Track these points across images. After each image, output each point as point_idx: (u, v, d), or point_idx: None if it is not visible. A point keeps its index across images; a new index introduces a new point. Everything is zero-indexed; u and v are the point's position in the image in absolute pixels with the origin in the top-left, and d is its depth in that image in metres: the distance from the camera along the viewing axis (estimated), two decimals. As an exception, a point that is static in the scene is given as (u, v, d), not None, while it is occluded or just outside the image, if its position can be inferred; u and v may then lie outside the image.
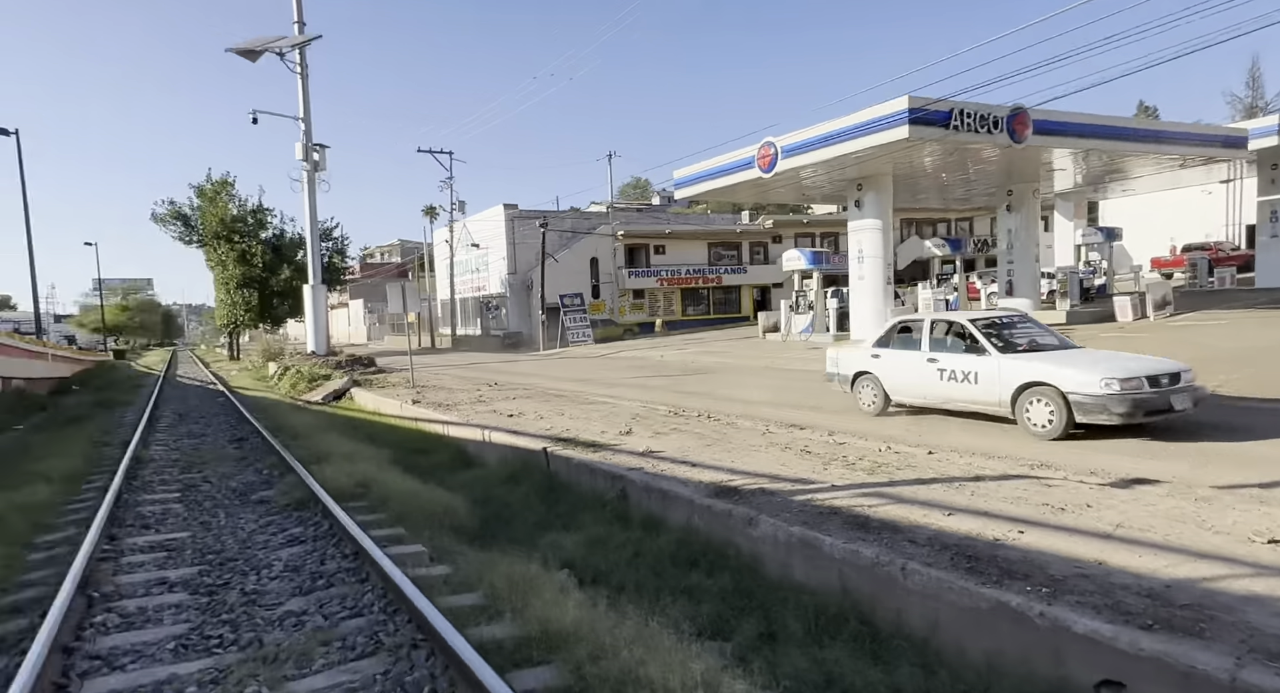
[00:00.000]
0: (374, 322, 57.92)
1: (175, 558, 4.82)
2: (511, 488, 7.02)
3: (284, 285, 33.92)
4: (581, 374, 17.72)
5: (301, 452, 8.50)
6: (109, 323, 70.60)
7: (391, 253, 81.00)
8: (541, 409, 10.64)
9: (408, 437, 10.87)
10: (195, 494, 6.87)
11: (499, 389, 14.24)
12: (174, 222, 33.60)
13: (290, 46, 22.39)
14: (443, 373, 19.91)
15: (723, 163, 21.19)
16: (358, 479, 6.69)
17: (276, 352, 28.42)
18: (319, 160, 23.64)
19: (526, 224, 38.71)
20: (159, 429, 11.89)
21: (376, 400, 14.47)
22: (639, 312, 40.42)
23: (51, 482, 7.17)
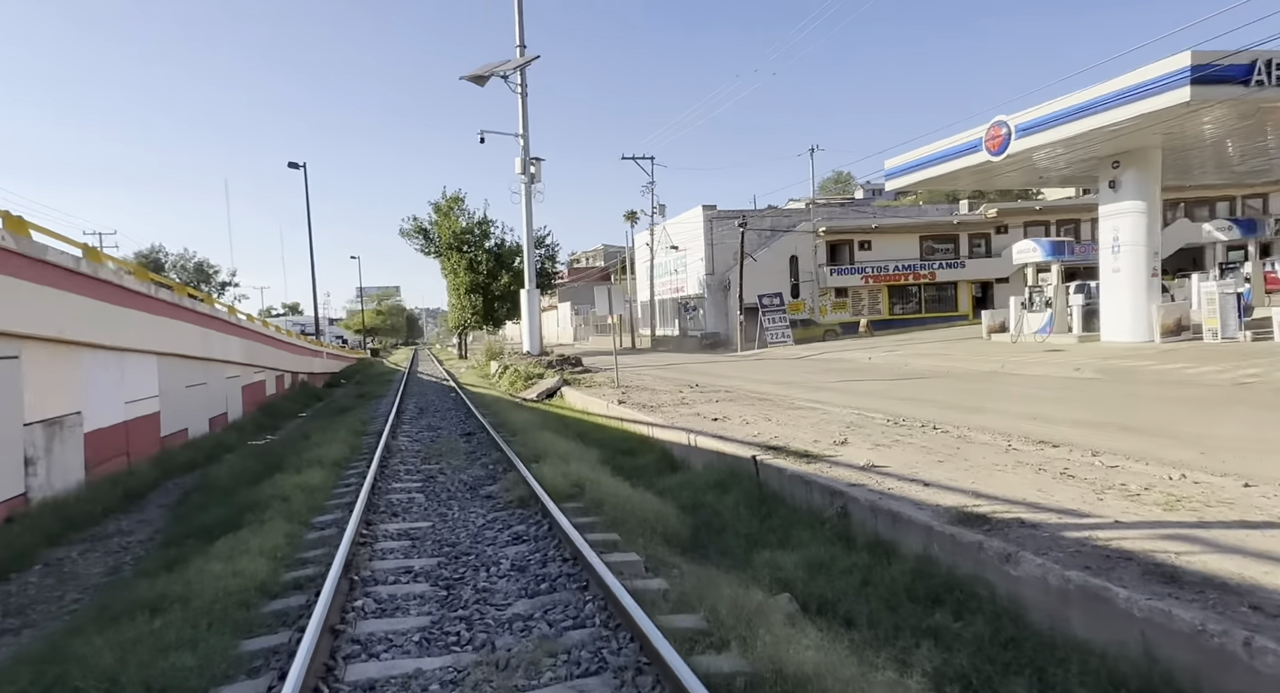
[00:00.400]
0: (580, 323, 61.49)
1: (418, 548, 5.20)
2: (720, 496, 6.78)
3: (503, 290, 37.15)
4: (783, 376, 17.12)
5: (521, 449, 8.99)
6: (367, 325, 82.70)
7: (595, 257, 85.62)
8: (746, 413, 10.32)
9: (614, 437, 11.12)
10: (433, 486, 7.50)
11: (700, 391, 14.16)
12: (417, 235, 38.26)
13: (513, 68, 24.30)
14: (643, 373, 20.39)
15: (942, 148, 19.35)
16: (573, 480, 6.85)
17: (497, 351, 31.13)
18: (535, 173, 25.47)
19: (724, 224, 38.61)
20: (404, 422, 13.38)
21: (584, 399, 15.10)
22: (841, 311, 38.55)
23: (324, 467, 8.26)
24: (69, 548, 6.63)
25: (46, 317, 7.56)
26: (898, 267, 37.92)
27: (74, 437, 8.30)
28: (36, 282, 7.41)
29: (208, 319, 13.62)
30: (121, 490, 8.47)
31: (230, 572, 4.31)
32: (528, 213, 25.82)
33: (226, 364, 14.92)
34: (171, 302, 11.53)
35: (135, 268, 10.72)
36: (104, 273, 9.01)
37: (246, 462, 9.96)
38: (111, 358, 9.37)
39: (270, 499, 6.64)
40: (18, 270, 7.08)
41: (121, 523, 7.61)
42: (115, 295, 9.37)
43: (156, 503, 8.56)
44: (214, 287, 65.60)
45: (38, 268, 7.44)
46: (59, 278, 7.88)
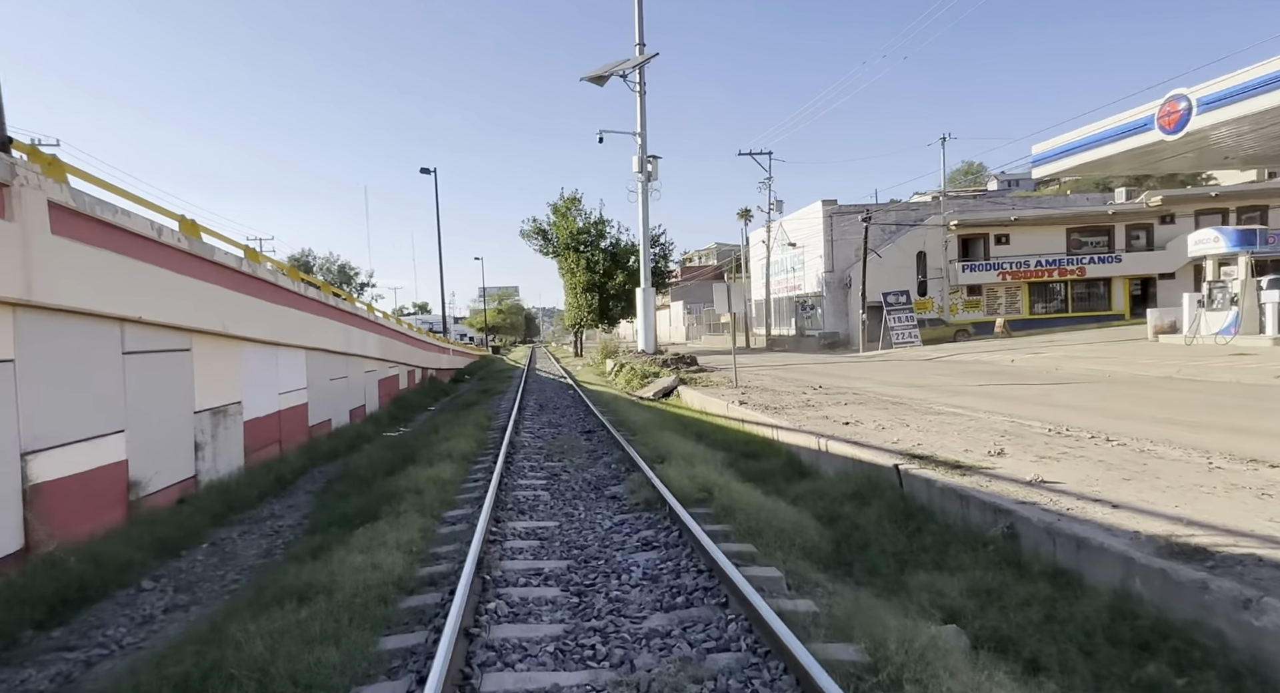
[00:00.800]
0: (692, 322, 61.22)
1: (546, 549, 5.09)
2: (859, 508, 6.24)
3: (618, 289, 37.52)
4: (914, 379, 16.01)
5: (643, 449, 8.80)
6: (488, 323, 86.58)
7: (708, 256, 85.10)
8: (880, 418, 9.61)
9: (735, 438, 10.73)
10: (558, 483, 7.44)
11: (825, 393, 13.46)
12: (536, 236, 39.40)
13: (632, 67, 24.37)
14: (761, 373, 19.78)
15: (1101, 130, 17.42)
16: (699, 483, 6.55)
17: (612, 349, 31.43)
18: (652, 171, 25.43)
19: (845, 220, 37.04)
20: (525, 418, 13.61)
21: (702, 399, 14.77)
22: (974, 310, 35.97)
23: (453, 461, 8.44)
24: (230, 529, 7.11)
25: (213, 312, 8.18)
26: (1040, 262, 34.83)
27: (235, 425, 8.96)
28: (205, 280, 8.03)
29: (349, 316, 14.49)
30: (274, 476, 9.06)
31: (369, 564, 4.35)
32: (644, 211, 25.81)
33: (365, 359, 15.83)
34: (318, 299, 12.31)
35: (288, 268, 11.52)
36: (262, 272, 9.70)
37: (382, 452, 10.41)
38: (267, 352, 10.07)
39: (404, 491, 6.80)
40: (191, 269, 7.69)
41: (274, 507, 8.11)
42: (271, 293, 10.07)
43: (304, 489, 9.09)
44: (354, 287, 70.83)
45: (206, 267, 8.06)
46: (223, 277, 8.52)
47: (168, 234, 7.16)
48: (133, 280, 6.51)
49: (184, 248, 7.49)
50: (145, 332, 6.84)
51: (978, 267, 35.29)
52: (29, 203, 5.14)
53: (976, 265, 35.35)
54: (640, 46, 25.18)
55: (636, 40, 25.24)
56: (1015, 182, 67.30)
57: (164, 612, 4.89)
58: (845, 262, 37.13)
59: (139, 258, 6.63)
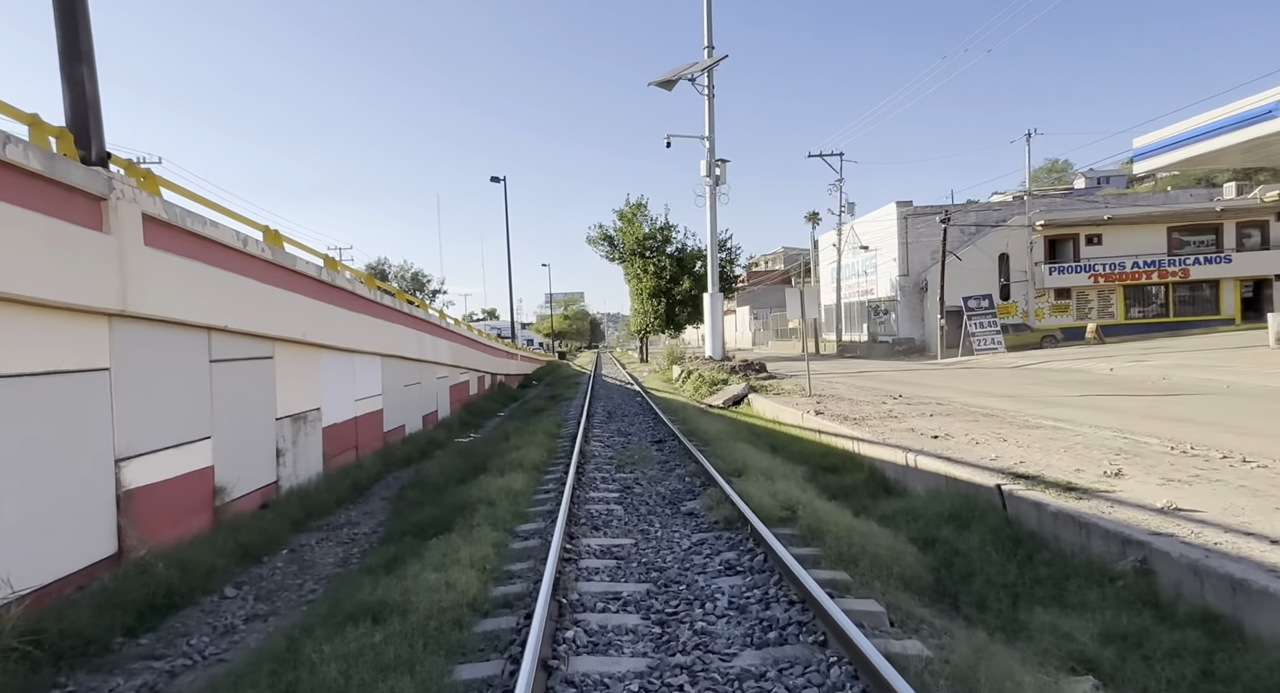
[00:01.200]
0: (759, 327, 60.30)
1: (623, 570, 4.84)
2: (959, 532, 5.74)
3: (684, 295, 37.23)
4: (1002, 389, 15.07)
5: (718, 462, 8.48)
6: (555, 328, 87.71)
7: (774, 260, 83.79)
8: (971, 431, 8.98)
9: (812, 450, 10.26)
10: (631, 497, 7.21)
11: (906, 403, 12.78)
12: (602, 242, 39.56)
13: (700, 70, 24.11)
14: (834, 381, 19.10)
15: (1213, 120, 15.98)
16: (781, 500, 6.18)
17: (679, 355, 31.15)
18: (720, 175, 25.06)
19: (921, 222, 35.69)
20: (594, 426, 13.48)
21: (774, 408, 14.30)
22: (1062, 314, 33.99)
23: (524, 470, 8.33)
24: (309, 535, 7.18)
25: (294, 320, 8.35)
26: (1137, 263, 32.59)
27: (315, 431, 9.13)
28: (287, 288, 8.19)
29: (422, 323, 14.73)
30: (351, 482, 9.18)
31: (443, 583, 4.20)
32: (712, 215, 25.46)
33: (437, 365, 16.07)
34: (393, 307, 12.53)
35: (365, 276, 11.76)
36: (340, 281, 9.89)
37: (454, 460, 10.44)
38: (344, 359, 10.26)
39: (476, 502, 6.70)
40: (274, 279, 7.86)
41: (351, 514, 8.19)
42: (349, 301, 10.26)
43: (379, 496, 9.18)
44: (426, 294, 73.01)
45: (288, 276, 8.23)
46: (304, 285, 8.69)
47: (252, 244, 7.32)
48: (220, 290, 6.66)
49: (267, 258, 7.66)
50: (231, 340, 6.99)
51: (1067, 269, 33.31)
52: (124, 216, 5.28)
53: (1065, 267, 33.37)
54: (709, 49, 24.89)
55: (705, 43, 24.96)
56: (1105, 179, 63.55)
57: (245, 622, 4.90)
58: (920, 265, 35.74)
59: (226, 268, 6.78)
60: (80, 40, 4.96)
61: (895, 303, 36.78)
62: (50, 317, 4.66)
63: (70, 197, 4.80)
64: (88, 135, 5.05)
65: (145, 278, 5.50)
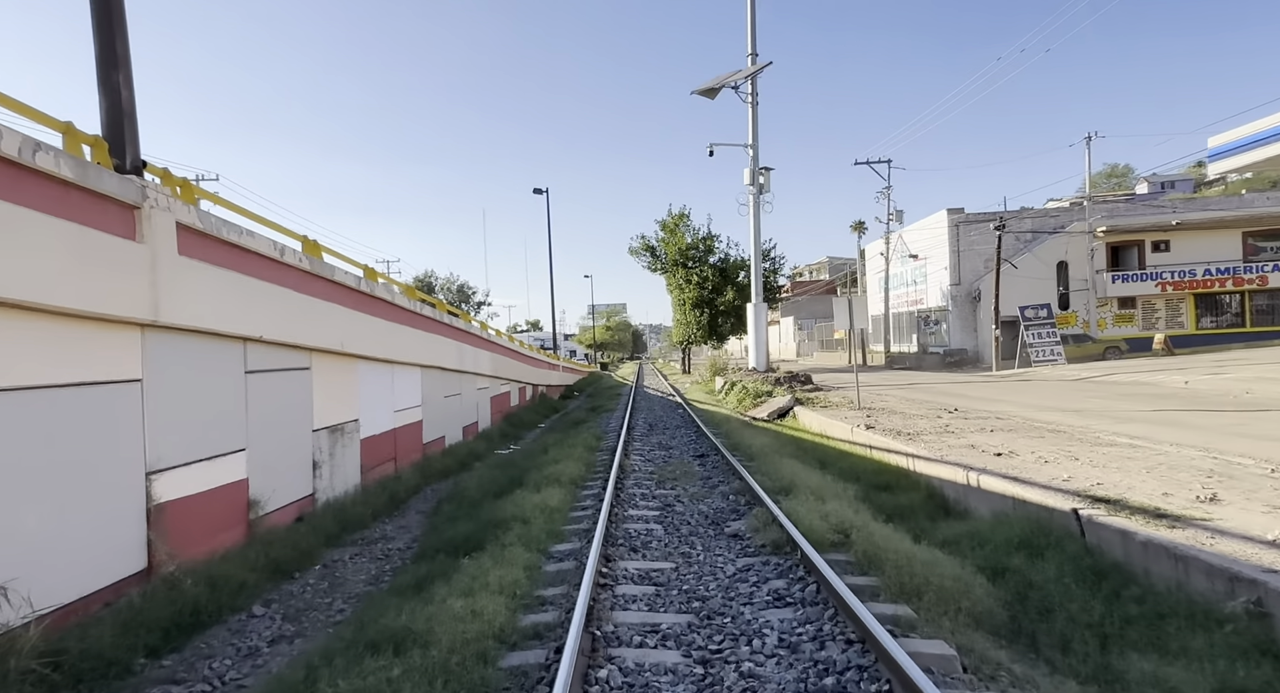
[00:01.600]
0: (803, 338, 59.28)
1: (663, 598, 4.50)
2: (1032, 561, 5.23)
3: (727, 305, 36.73)
4: (1066, 403, 14.22)
5: (763, 479, 8.07)
6: (597, 339, 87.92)
7: (819, 270, 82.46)
8: (1038, 448, 8.36)
9: (863, 467, 9.74)
10: (671, 515, 6.86)
11: (964, 417, 12.12)
12: (644, 253, 39.39)
13: (744, 78, 23.80)
14: (884, 393, 18.40)
15: (1296, 112, 14.94)
16: (833, 523, 5.75)
17: (721, 366, 30.65)
18: (764, 183, 24.62)
19: (973, 229, 34.54)
20: (635, 438, 13.17)
21: (822, 421, 13.76)
22: (1126, 324, 32.37)
23: (562, 485, 8.06)
24: (342, 550, 7.03)
25: (332, 331, 8.28)
26: (1209, 270, 30.84)
27: (352, 443, 9.04)
28: (325, 299, 8.13)
29: (462, 334, 14.68)
30: (388, 495, 9.05)
31: (469, 612, 3.93)
32: (756, 224, 25.01)
33: (477, 376, 16.01)
34: (433, 317, 12.47)
35: (405, 286, 11.74)
36: (379, 291, 9.83)
37: (492, 472, 10.25)
38: (383, 370, 10.19)
39: (511, 520, 6.45)
40: (311, 289, 7.80)
41: (386, 528, 8.03)
42: (388, 312, 10.20)
43: (416, 509, 9.02)
44: (471, 305, 74.01)
45: (326, 286, 8.17)
46: (342, 295, 8.64)
47: (290, 254, 7.26)
48: (256, 300, 6.59)
49: (305, 267, 7.60)
50: (267, 351, 6.92)
51: (1131, 277, 31.72)
52: (158, 225, 5.21)
53: (1129, 275, 31.79)
54: (752, 57, 24.57)
55: (749, 51, 24.65)
56: (1170, 183, 60.77)
57: (269, 644, 4.71)
58: (973, 274, 34.55)
59: (262, 278, 6.72)
60: (117, 46, 4.93)
61: (946, 313, 35.59)
62: (79, 327, 4.58)
63: (102, 205, 4.73)
64: (122, 143, 5.01)
65: (178, 288, 5.43)
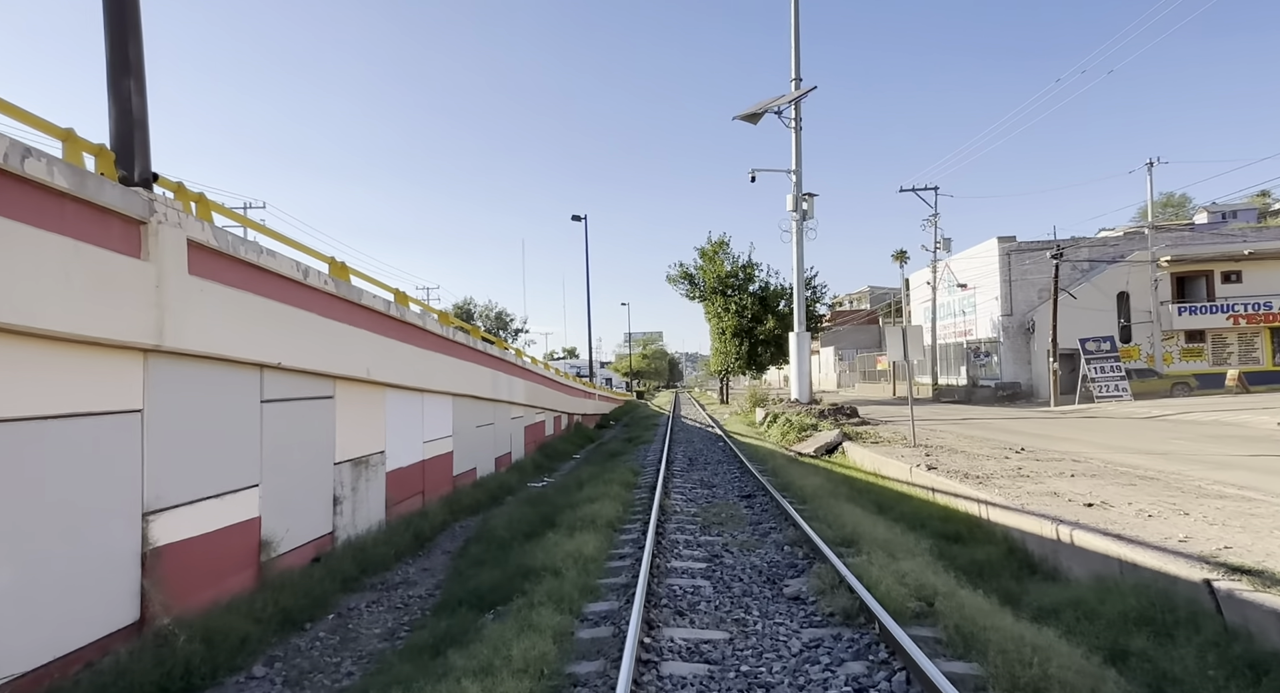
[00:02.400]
0: (844, 369, 57.81)
1: (717, 682, 3.77)
2: (1160, 644, 4.36)
3: (767, 334, 35.89)
4: (1145, 444, 13.05)
5: (821, 527, 7.27)
6: (633, 368, 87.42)
7: (860, 300, 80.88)
8: (1136, 499, 7.41)
9: (926, 512, 8.86)
10: (720, 569, 6.11)
11: (1034, 458, 11.11)
12: (682, 280, 38.92)
13: (788, 102, 23.36)
14: (938, 428, 17.32)
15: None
16: (913, 586, 4.96)
17: (762, 397, 29.71)
18: (807, 209, 23.98)
19: (1026, 258, 33.25)
20: (675, 474, 12.43)
21: (874, 459, 12.85)
22: (1194, 359, 30.57)
23: (597, 529, 7.39)
24: (360, 596, 6.45)
25: (358, 358, 7.82)
26: (1287, 302, 28.97)
27: (377, 476, 8.53)
28: (351, 324, 7.69)
29: (497, 361, 14.21)
30: (413, 533, 8.48)
31: (487, 698, 3.27)
32: (799, 251, 24.32)
33: (511, 405, 15.50)
34: (466, 344, 12.03)
35: (439, 312, 11.32)
36: (410, 316, 9.40)
37: (523, 509, 9.64)
38: (412, 398, 9.71)
39: (541, 570, 5.81)
40: (336, 313, 7.37)
41: (409, 570, 7.45)
42: (418, 338, 9.76)
43: (442, 548, 8.43)
44: (509, 333, 74.31)
45: (352, 311, 7.74)
46: (370, 320, 8.20)
47: (314, 276, 6.85)
48: (274, 324, 6.15)
49: (330, 290, 7.17)
50: (286, 378, 6.46)
51: (1199, 309, 29.98)
52: (166, 241, 4.80)
53: (1197, 308, 30.06)
54: (796, 81, 24.15)
55: (792, 75, 24.26)
56: (1232, 213, 58.20)
57: (261, 717, 4.11)
58: (1025, 304, 33.15)
59: (282, 300, 6.29)
60: (129, 51, 4.58)
61: (997, 345, 34.12)
62: (70, 352, 4.14)
63: (103, 218, 4.33)
64: (131, 154, 4.63)
65: (187, 310, 4.99)
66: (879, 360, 52.34)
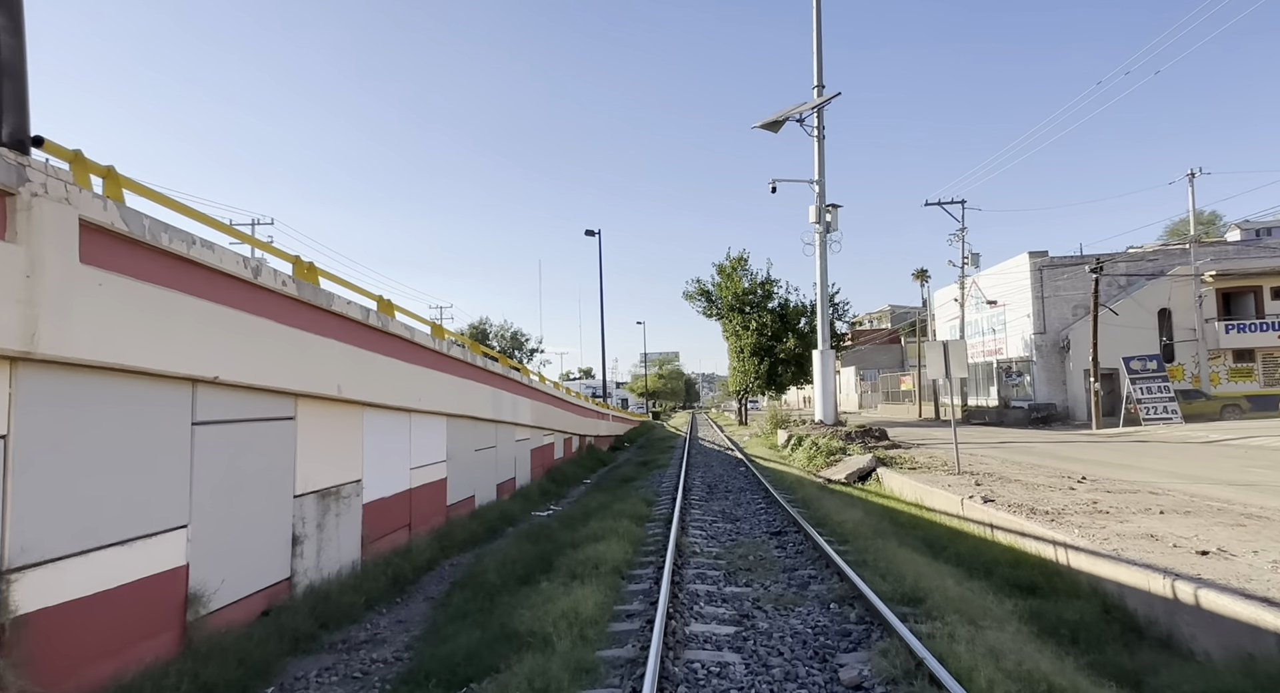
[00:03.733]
0: (866, 389, 56.21)
1: None
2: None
3: (788, 353, 34.57)
4: (1220, 472, 11.61)
5: (874, 577, 6.02)
6: (649, 388, 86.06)
7: (881, 319, 79.21)
8: (1261, 546, 6.08)
9: (987, 554, 7.57)
10: (753, 636, 4.87)
11: (1104, 489, 9.75)
12: (699, 297, 37.79)
13: (810, 109, 22.33)
14: (978, 453, 15.91)
15: None
16: (1019, 675, 3.71)
17: (783, 418, 28.35)
18: (831, 221, 22.81)
19: (1058, 274, 31.82)
20: (693, 505, 11.20)
21: (916, 488, 11.52)
22: (1243, 380, 28.85)
23: (600, 576, 6.19)
24: (312, 661, 5.29)
25: (326, 372, 6.74)
26: (1343, 318, 27.23)
27: (351, 510, 7.40)
28: (320, 333, 6.62)
29: (500, 379, 13.11)
30: (391, 576, 7.33)
31: None
32: (822, 264, 23.11)
33: (516, 426, 14.37)
34: (463, 359, 10.94)
35: (432, 324, 10.26)
36: (394, 327, 8.33)
37: (522, 546, 8.47)
38: (397, 419, 8.61)
39: (527, 636, 4.62)
40: (301, 321, 6.30)
41: (380, 622, 6.29)
42: (406, 351, 8.68)
43: (425, 593, 7.27)
44: (525, 353, 73.39)
45: (320, 318, 6.67)
46: (345, 330, 7.13)
47: (268, 275, 5.79)
48: (212, 330, 5.08)
49: (290, 293, 6.11)
50: (228, 396, 5.38)
51: (1248, 326, 28.31)
52: (46, 219, 3.75)
53: (1246, 325, 28.38)
54: (818, 88, 23.13)
55: (815, 82, 23.24)
56: (1265, 230, 56.24)
57: None
58: (1059, 321, 31.63)
59: (224, 303, 5.23)
60: (-1, -20, 3.56)
61: (1030, 364, 32.54)
62: (-121, 357, 3.07)
63: (-60, 182, 3.28)
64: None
65: (76, 308, 3.92)
66: (903, 380, 50.65)
